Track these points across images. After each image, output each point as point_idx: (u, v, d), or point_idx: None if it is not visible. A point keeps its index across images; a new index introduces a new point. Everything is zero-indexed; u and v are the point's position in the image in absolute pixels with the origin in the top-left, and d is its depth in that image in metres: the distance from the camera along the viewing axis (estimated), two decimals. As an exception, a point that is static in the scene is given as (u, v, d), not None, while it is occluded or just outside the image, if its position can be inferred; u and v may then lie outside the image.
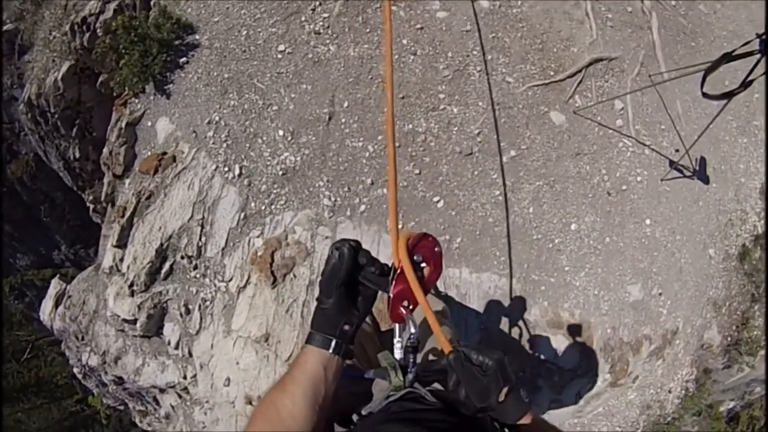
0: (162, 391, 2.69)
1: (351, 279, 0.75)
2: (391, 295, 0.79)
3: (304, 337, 1.83)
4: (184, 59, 2.11)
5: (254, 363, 1.88)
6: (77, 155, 3.01)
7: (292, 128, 2.06)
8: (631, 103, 2.28)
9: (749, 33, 2.15)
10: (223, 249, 1.97)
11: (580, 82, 2.22)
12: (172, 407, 2.77)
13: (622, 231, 2.25)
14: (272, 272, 1.86)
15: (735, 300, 2.58)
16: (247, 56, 2.11)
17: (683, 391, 2.65)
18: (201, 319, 2.04)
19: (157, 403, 2.88)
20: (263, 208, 2.01)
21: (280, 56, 2.11)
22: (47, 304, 2.76)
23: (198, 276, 2.04)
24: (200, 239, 1.99)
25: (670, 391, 2.62)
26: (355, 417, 0.80)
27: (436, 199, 2.03)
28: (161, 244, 1.99)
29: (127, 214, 2.00)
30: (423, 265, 0.82)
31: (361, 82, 2.09)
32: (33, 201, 4.08)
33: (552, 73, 2.20)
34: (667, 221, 2.35)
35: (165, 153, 2.06)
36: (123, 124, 2.11)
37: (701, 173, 2.44)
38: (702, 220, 2.46)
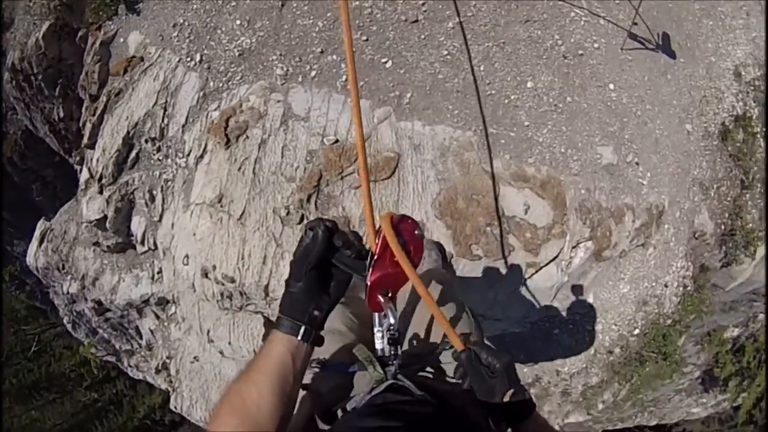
0: (140, 312, 2.71)
1: (324, 262, 0.72)
2: (368, 283, 0.76)
3: (254, 193, 1.87)
4: (152, -22, 2.35)
5: (209, 229, 1.91)
6: (61, 115, 3.22)
7: (249, 17, 2.23)
8: (579, -24, 2.34)
9: None
10: (183, 126, 2.08)
11: (523, -44, 2.32)
12: (152, 332, 2.78)
13: (583, 92, 2.23)
14: (226, 135, 1.94)
15: (723, 184, 2.46)
16: (207, -34, 2.33)
17: (681, 288, 2.47)
18: (163, 200, 2.11)
19: (139, 334, 2.88)
20: (221, 85, 2.14)
21: (236, -38, 2.33)
22: (33, 245, 2.88)
23: (161, 158, 2.14)
24: (163, 121, 2.11)
25: (666, 285, 2.45)
26: (339, 412, 0.80)
27: (384, 60, 2.11)
28: (128, 132, 2.12)
29: (98, 112, 2.15)
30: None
31: (311, -27, 2.26)
32: (24, 182, 4.33)
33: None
34: (633, 88, 2.33)
35: (134, 56, 2.24)
36: (97, 45, 2.33)
37: (665, 47, 2.43)
38: (673, 93, 2.42)
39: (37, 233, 2.81)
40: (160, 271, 2.26)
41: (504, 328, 2.61)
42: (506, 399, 0.74)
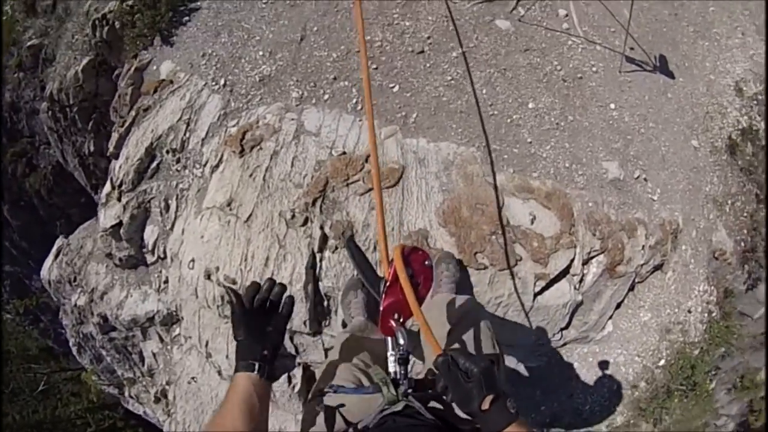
0: (144, 333, 2.73)
1: (255, 314, 0.88)
2: (382, 308, 0.87)
3: (263, 197, 1.96)
4: (186, 18, 2.69)
5: (216, 232, 1.98)
6: (92, 149, 3.49)
7: (270, 49, 2.49)
8: (575, 10, 2.56)
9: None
10: (203, 139, 2.25)
11: (521, -3, 2.56)
12: (154, 356, 2.77)
13: (585, 112, 2.33)
14: (242, 145, 2.08)
15: (737, 199, 2.44)
16: (237, 8, 2.67)
17: (705, 314, 2.36)
18: (177, 208, 2.23)
19: (142, 360, 2.87)
20: (241, 105, 2.34)
21: (263, 5, 2.65)
22: (49, 259, 3.01)
23: (179, 169, 2.29)
24: (185, 135, 2.30)
25: (689, 311, 2.35)
26: (351, 430, 0.88)
27: (391, 85, 2.28)
28: (151, 143, 2.30)
29: (126, 124, 2.36)
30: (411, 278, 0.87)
31: (329, 13, 2.57)
32: (49, 217, 4.57)
33: (494, -6, 2.57)
34: (635, 107, 2.42)
35: (164, 79, 2.50)
36: (132, 71, 2.62)
37: (663, 68, 2.55)
38: (675, 111, 2.50)
39: (54, 248, 2.94)
40: (166, 281, 2.31)
41: (519, 359, 2.47)
42: (486, 406, 0.74)
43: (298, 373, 2.15)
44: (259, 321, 0.87)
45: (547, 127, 2.25)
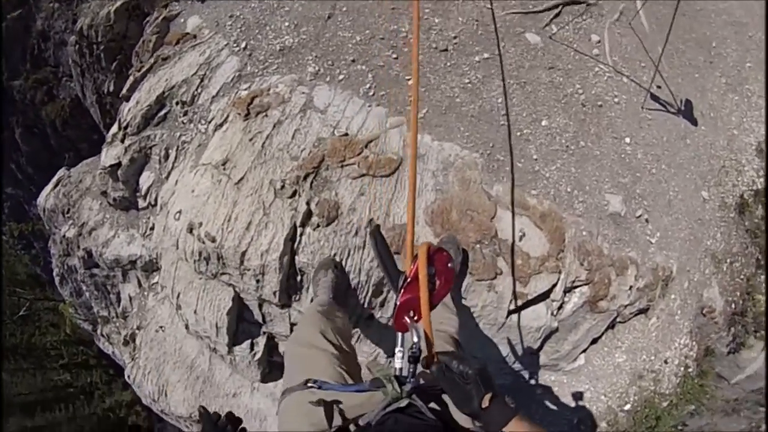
0: (125, 275, 2.76)
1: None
2: (398, 303, 0.88)
3: (258, 162, 1.96)
4: (223, -25, 2.70)
5: (207, 188, 2.00)
6: (111, 89, 3.55)
7: (297, 22, 2.49)
8: (609, 38, 2.51)
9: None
10: (213, 97, 2.27)
11: (558, 14, 2.52)
12: (130, 299, 2.81)
13: (598, 140, 2.28)
14: (248, 109, 2.09)
15: (737, 260, 2.38)
16: (274, -24, 2.67)
17: (682, 368, 2.32)
18: (175, 159, 2.24)
19: (119, 300, 2.91)
20: (256, 71, 2.35)
21: (298, -23, 2.65)
22: (48, 187, 3.05)
23: (185, 122, 2.31)
24: (197, 89, 2.31)
25: (666, 362, 2.30)
26: (352, 427, 0.90)
27: (408, 78, 2.26)
28: (163, 92, 2.33)
29: (143, 69, 2.39)
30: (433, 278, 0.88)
31: (360, -6, 2.54)
32: (59, 148, 4.65)
33: (531, 6, 2.53)
34: (650, 146, 2.37)
35: (188, 33, 2.52)
36: (159, 20, 2.64)
37: (687, 113, 2.49)
38: (691, 159, 2.44)
39: (55, 177, 2.99)
40: (152, 228, 2.34)
41: (484, 374, 2.44)
42: (486, 404, 0.78)
43: (261, 341, 2.16)
44: None
45: (556, 148, 2.21)
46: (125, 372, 2.71)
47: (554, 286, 2.00)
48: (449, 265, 0.89)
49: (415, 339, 0.86)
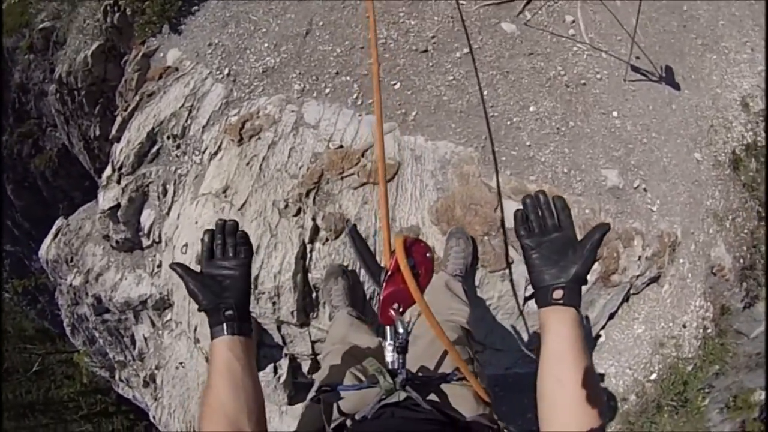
0: (137, 316, 2.76)
1: (204, 277, 0.85)
2: (382, 297, 0.88)
3: (258, 185, 1.99)
4: (195, 7, 2.74)
5: (210, 218, 2.02)
6: (97, 133, 3.56)
7: (276, 42, 2.53)
8: (582, 17, 2.57)
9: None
10: (203, 127, 2.29)
11: (529, 1, 2.57)
12: (145, 340, 2.80)
13: (586, 118, 2.33)
14: (240, 134, 2.12)
15: (738, 215, 2.43)
16: (245, 0, 2.71)
17: (701, 330, 2.35)
18: (174, 193, 2.26)
19: (133, 343, 2.91)
20: (243, 95, 2.38)
21: (271, -2, 2.69)
22: (47, 239, 3.06)
23: (179, 155, 2.33)
24: (186, 121, 2.34)
25: (684, 326, 2.33)
26: (348, 422, 0.89)
27: (393, 82, 2.30)
28: (153, 128, 2.35)
29: (129, 108, 2.41)
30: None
31: (335, 8, 2.60)
32: (52, 199, 4.64)
33: (501, -3, 2.59)
34: (638, 117, 2.42)
35: (170, 66, 2.54)
36: (139, 57, 2.67)
37: (669, 79, 2.55)
38: (679, 123, 2.49)
39: (54, 228, 2.99)
40: (160, 265, 2.34)
41: (506, 364, 2.47)
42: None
43: (284, 364, 2.17)
44: (215, 280, 0.82)
45: (547, 132, 2.26)
46: (150, 413, 2.70)
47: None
48: (427, 255, 0.88)
49: (401, 330, 0.87)
